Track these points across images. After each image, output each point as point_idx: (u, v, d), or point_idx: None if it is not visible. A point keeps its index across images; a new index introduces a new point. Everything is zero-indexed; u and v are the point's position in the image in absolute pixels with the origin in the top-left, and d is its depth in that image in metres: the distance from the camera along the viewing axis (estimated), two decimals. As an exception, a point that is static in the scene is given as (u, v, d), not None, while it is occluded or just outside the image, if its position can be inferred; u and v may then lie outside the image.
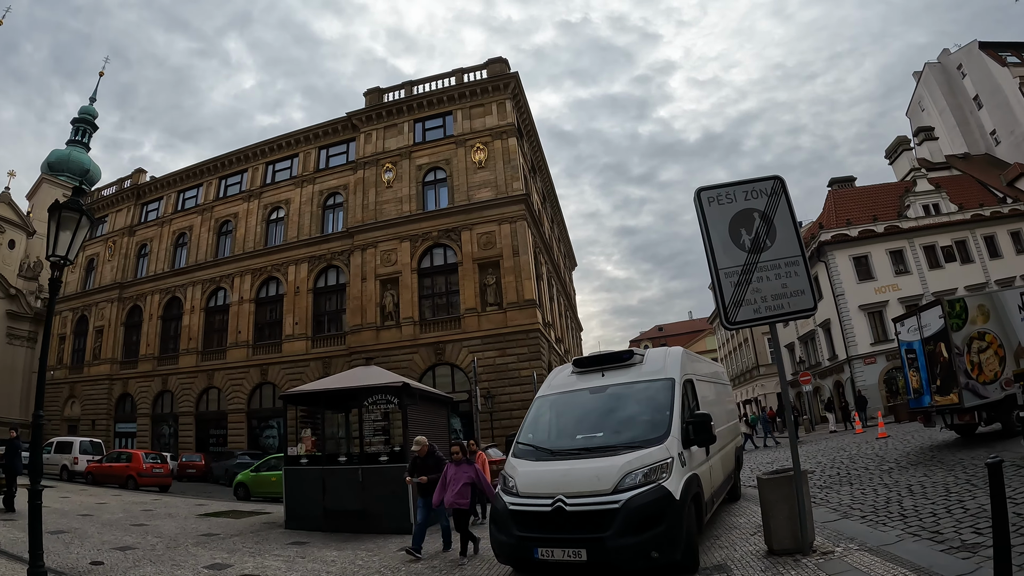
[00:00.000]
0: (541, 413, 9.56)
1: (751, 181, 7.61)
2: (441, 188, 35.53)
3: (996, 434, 16.46)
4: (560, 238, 55.81)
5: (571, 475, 7.72)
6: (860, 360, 42.12)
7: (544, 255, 39.99)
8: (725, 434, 11.86)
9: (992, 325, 16.13)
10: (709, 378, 12.07)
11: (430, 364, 32.35)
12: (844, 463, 17.47)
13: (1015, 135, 54.87)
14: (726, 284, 7.20)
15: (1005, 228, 46.06)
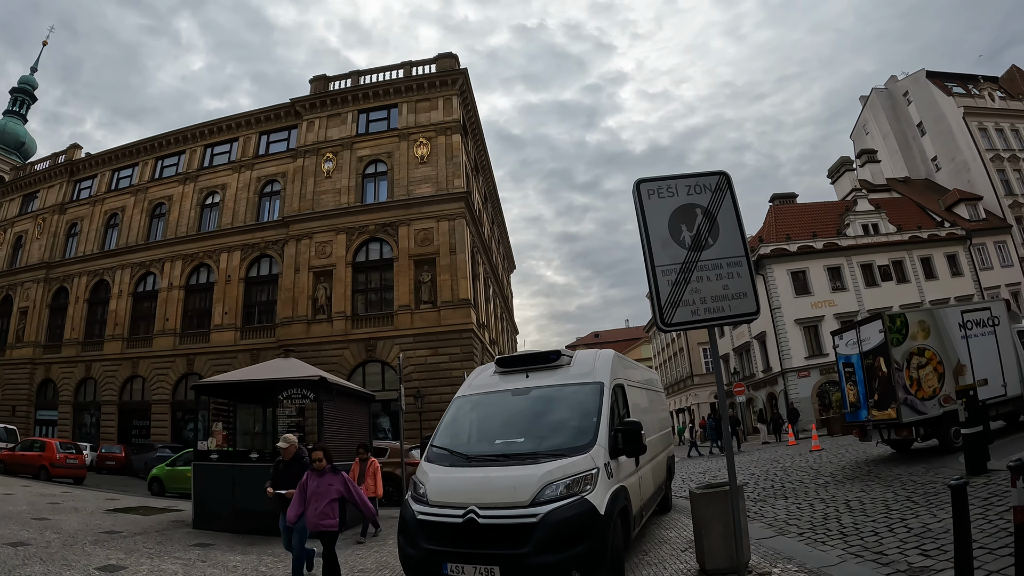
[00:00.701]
0: (459, 415, 8.90)
1: (695, 175, 7.01)
2: (381, 181, 34.88)
3: (932, 450, 16.60)
4: (500, 240, 55.50)
5: (486, 484, 7.11)
6: (794, 373, 42.63)
7: (482, 255, 39.58)
8: (657, 443, 11.49)
9: (932, 341, 16.22)
10: (642, 384, 11.65)
11: (361, 361, 31.67)
12: (778, 475, 17.36)
13: (955, 162, 55.92)
14: (663, 282, 6.50)
15: (942, 251, 47.53)
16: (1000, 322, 17.34)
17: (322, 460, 7.96)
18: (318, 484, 7.86)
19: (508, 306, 57.53)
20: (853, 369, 17.55)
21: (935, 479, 12.14)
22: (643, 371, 13.27)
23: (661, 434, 12.66)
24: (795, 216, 49.43)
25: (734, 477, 6.74)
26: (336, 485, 7.92)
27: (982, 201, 51.67)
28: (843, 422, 26.24)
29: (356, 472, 12.38)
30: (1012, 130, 55.23)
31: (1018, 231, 50.77)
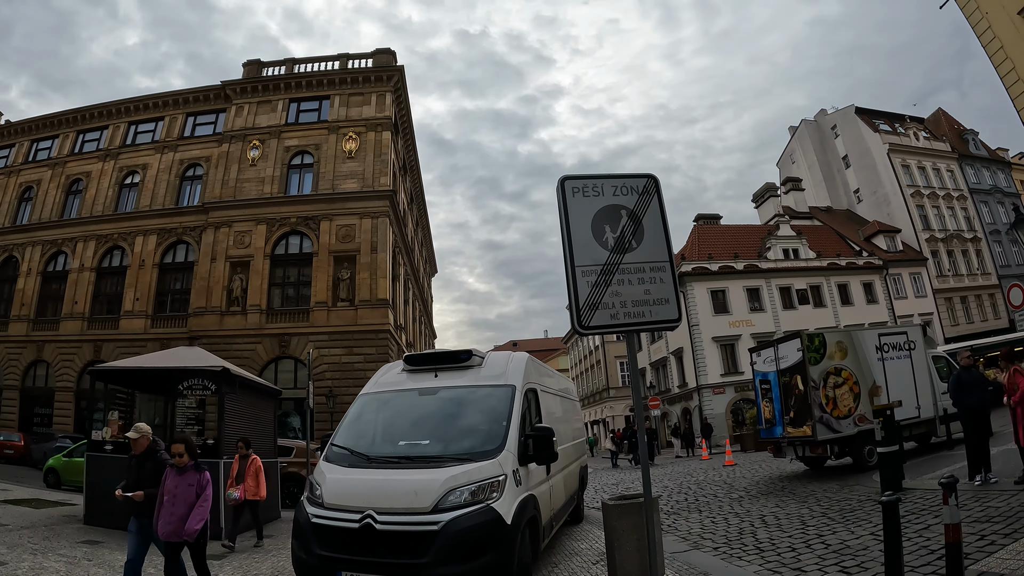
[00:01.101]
0: (363, 413, 8.46)
1: (623, 176, 6.66)
2: (307, 173, 34.18)
3: (846, 468, 16.78)
4: (423, 243, 55.14)
5: (385, 487, 6.73)
6: (709, 389, 43.43)
7: (404, 256, 39.15)
8: (570, 452, 11.30)
9: (849, 362, 16.41)
10: (557, 392, 11.44)
11: (274, 357, 30.94)
12: (692, 488, 17.46)
13: (877, 195, 58.07)
14: (582, 284, 6.05)
15: (858, 279, 49.39)
16: (916, 346, 17.66)
17: (183, 455, 6.82)
18: (177, 484, 6.79)
19: (428, 310, 57.17)
20: (770, 386, 17.72)
21: (850, 496, 12.28)
22: (559, 379, 13.05)
23: (575, 443, 12.42)
24: (718, 237, 50.39)
25: (649, 489, 6.36)
26: (196, 485, 6.85)
27: (900, 234, 53.83)
28: (757, 438, 26.61)
29: (235, 470, 11.59)
30: (933, 169, 57.81)
31: (933, 264, 53.08)
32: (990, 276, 56.17)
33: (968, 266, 55.77)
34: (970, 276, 55.39)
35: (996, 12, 19.22)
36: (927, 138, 60.22)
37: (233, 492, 11.22)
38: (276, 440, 16.63)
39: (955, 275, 54.55)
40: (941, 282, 53.26)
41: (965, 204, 58.27)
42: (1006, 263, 57.34)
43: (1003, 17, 18.93)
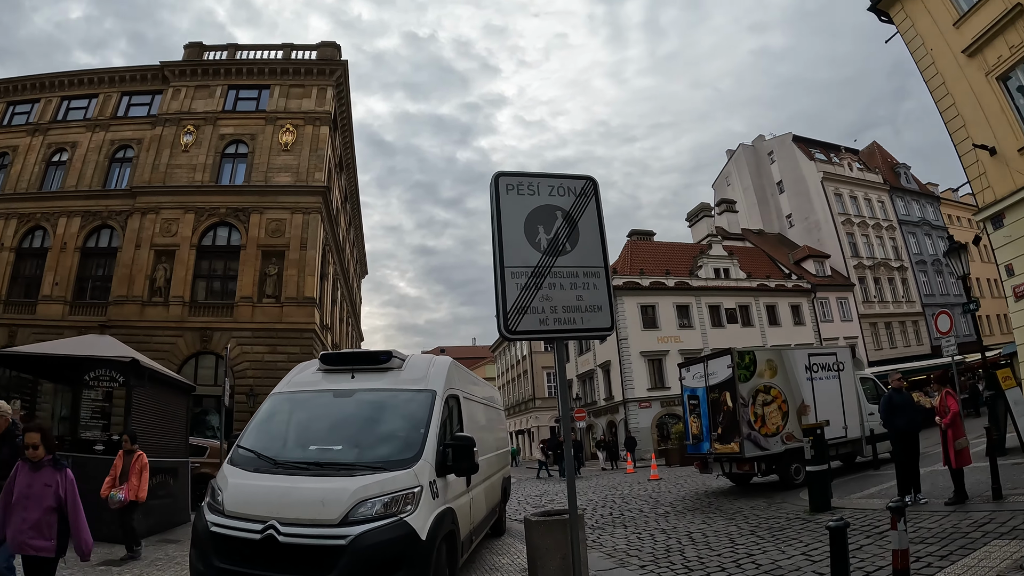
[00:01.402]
0: (273, 414, 7.89)
1: (561, 176, 6.29)
2: (240, 164, 33.16)
3: (772, 485, 16.80)
4: (355, 243, 54.44)
5: (291, 495, 6.20)
6: (636, 403, 43.65)
7: (334, 255, 38.55)
8: (493, 462, 11.03)
9: (778, 380, 16.59)
10: (481, 400, 11.11)
11: (194, 352, 29.79)
12: (617, 502, 17.36)
13: (808, 221, 59.69)
14: (511, 285, 5.63)
15: (787, 300, 50.55)
16: (844, 368, 18.07)
17: (38, 447, 5.42)
18: (30, 483, 5.37)
19: (356, 312, 56.51)
20: (698, 402, 17.74)
21: (778, 514, 12.22)
22: (484, 386, 12.71)
23: (498, 453, 12.12)
24: (650, 253, 50.95)
25: (575, 505, 5.94)
26: (54, 485, 5.42)
27: (829, 259, 55.40)
28: (683, 453, 27.01)
29: (118, 468, 10.30)
30: (865, 199, 59.59)
31: (860, 290, 54.72)
32: (914, 304, 58.25)
33: (893, 293, 57.67)
34: (895, 303, 57.33)
35: (940, 48, 19.79)
36: (860, 169, 62.00)
37: (118, 493, 10.08)
38: (188, 439, 15.87)
39: (880, 301, 56.36)
40: (867, 307, 54.96)
41: (894, 234, 60.22)
42: (930, 292, 59.72)
43: (947, 54, 19.53)
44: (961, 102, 19.35)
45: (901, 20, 21.11)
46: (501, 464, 12.51)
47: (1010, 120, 18.01)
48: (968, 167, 19.37)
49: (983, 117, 18.66)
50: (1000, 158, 18.22)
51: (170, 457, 13.93)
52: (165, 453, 13.54)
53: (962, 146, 19.41)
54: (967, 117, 19.21)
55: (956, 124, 19.58)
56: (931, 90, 20.36)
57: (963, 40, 19.02)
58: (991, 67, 18.40)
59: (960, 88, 19.32)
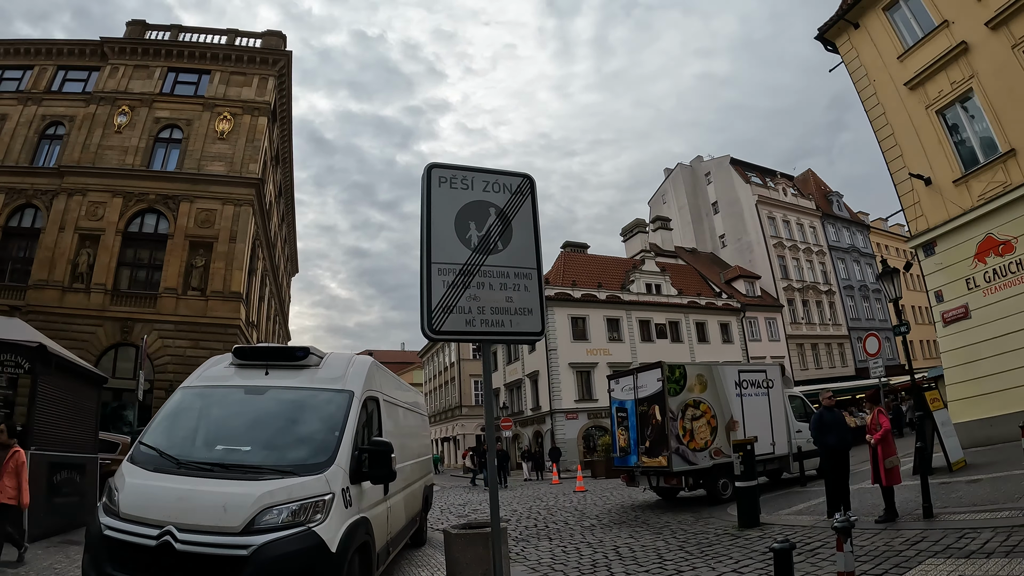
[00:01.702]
0: (180, 409, 7.31)
1: (496, 172, 5.94)
2: (173, 149, 32.09)
3: (699, 500, 16.83)
4: (287, 240, 53.54)
5: (191, 499, 5.70)
6: (563, 414, 43.51)
7: (264, 250, 37.65)
8: (415, 470, 10.77)
9: (708, 395, 16.62)
10: (404, 404, 10.69)
11: (115, 342, 28.49)
12: (542, 514, 17.14)
13: (741, 242, 60.77)
14: (437, 283, 5.27)
15: (716, 319, 51.29)
16: (774, 385, 18.18)
17: None
18: None
19: (284, 310, 55.43)
20: (626, 414, 17.63)
21: (706, 529, 12.07)
22: (408, 391, 12.25)
23: (420, 460, 11.79)
24: (584, 265, 51.04)
25: (497, 518, 5.57)
26: None
27: (760, 280, 56.34)
28: (609, 466, 26.61)
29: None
30: (797, 224, 60.98)
31: (788, 311, 55.90)
32: (841, 327, 59.94)
33: (821, 316, 59.12)
34: (822, 325, 58.77)
35: (883, 80, 20.41)
36: (795, 195, 63.42)
37: None
38: (97, 433, 15.12)
39: (808, 323, 57.70)
40: (794, 328, 56.19)
41: (823, 259, 61.82)
42: (856, 316, 61.72)
43: (889, 86, 20.17)
44: (900, 133, 20.01)
45: (847, 51, 21.76)
46: (423, 472, 12.21)
47: (947, 152, 18.75)
48: (903, 195, 20.04)
49: (920, 148, 19.36)
50: (935, 188, 18.96)
51: (77, 452, 13.31)
52: (72, 448, 13.00)
53: (898, 175, 20.11)
54: (905, 147, 19.90)
55: (894, 154, 20.23)
56: (871, 119, 21.00)
57: (906, 73, 19.67)
58: (932, 101, 19.09)
59: (900, 119, 19.96)
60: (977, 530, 8.12)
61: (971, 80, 18.11)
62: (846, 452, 11.11)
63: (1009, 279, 17.10)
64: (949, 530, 8.46)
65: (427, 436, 14.58)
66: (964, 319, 18.23)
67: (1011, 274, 17.07)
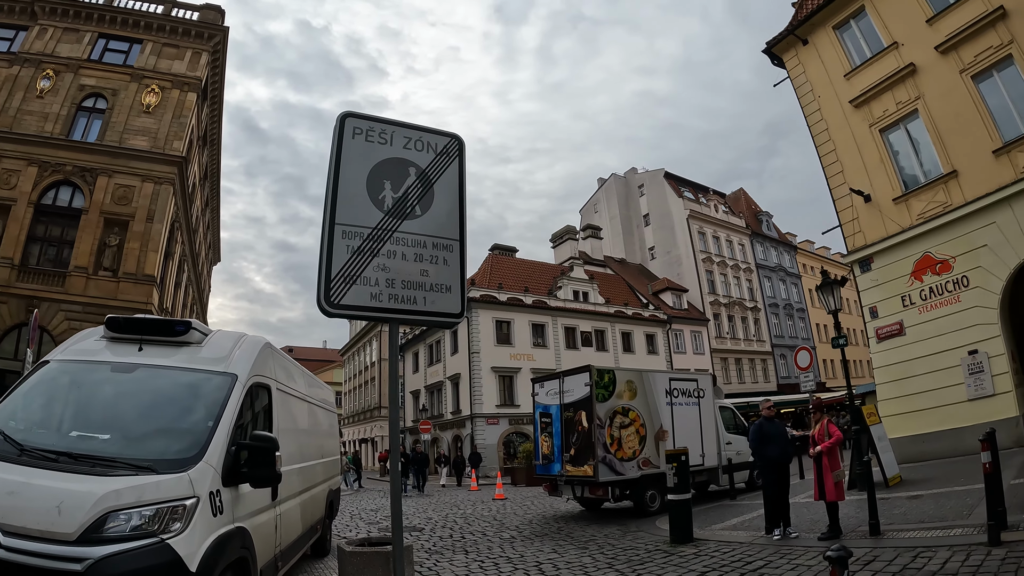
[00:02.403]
0: (38, 386, 6.14)
1: (421, 129, 5.13)
2: (96, 119, 30.20)
3: (625, 511, 16.20)
4: (210, 226, 51.44)
5: (23, 494, 4.60)
6: (483, 419, 42.80)
7: (184, 234, 35.93)
8: (317, 472, 9.80)
9: (638, 403, 16.10)
10: (307, 397, 9.71)
11: (19, 322, 26.25)
12: (459, 523, 16.17)
13: (670, 255, 61.37)
14: (340, 247, 4.42)
15: (642, 329, 51.49)
16: (705, 395, 17.92)
17: None
18: None
19: (203, 299, 53.02)
20: (551, 420, 16.93)
21: (636, 544, 11.38)
22: (314, 384, 11.20)
23: (324, 462, 10.74)
24: (511, 269, 50.56)
25: (400, 534, 4.39)
26: None
27: (687, 294, 56.99)
28: (531, 473, 25.89)
29: None
30: (727, 240, 62.07)
31: (714, 325, 56.67)
32: (764, 343, 61.11)
33: (745, 332, 60.13)
34: (746, 341, 59.78)
35: (828, 96, 20.62)
36: (726, 212, 64.42)
37: None
38: None
39: (732, 338, 58.59)
40: (719, 343, 56.98)
41: (751, 276, 62.93)
42: (780, 334, 63.08)
43: (834, 102, 20.41)
44: (842, 149, 20.24)
45: (793, 66, 21.91)
46: (327, 474, 11.11)
47: (888, 171, 18.99)
48: (842, 211, 20.20)
49: (862, 165, 19.59)
50: (874, 205, 19.15)
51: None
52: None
53: (838, 191, 20.29)
54: (846, 164, 20.11)
55: (834, 169, 20.43)
56: (814, 135, 21.15)
57: (852, 91, 19.91)
58: (876, 119, 19.34)
59: (843, 136, 20.18)
60: (932, 548, 7.79)
61: (917, 101, 18.42)
62: (787, 465, 10.71)
63: (946, 297, 17.42)
64: (901, 548, 8.10)
65: (335, 437, 13.46)
66: (899, 335, 18.51)
67: (948, 293, 17.38)
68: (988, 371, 16.35)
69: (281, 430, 7.21)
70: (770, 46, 22.60)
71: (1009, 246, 16.21)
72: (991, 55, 16.86)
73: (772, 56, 22.78)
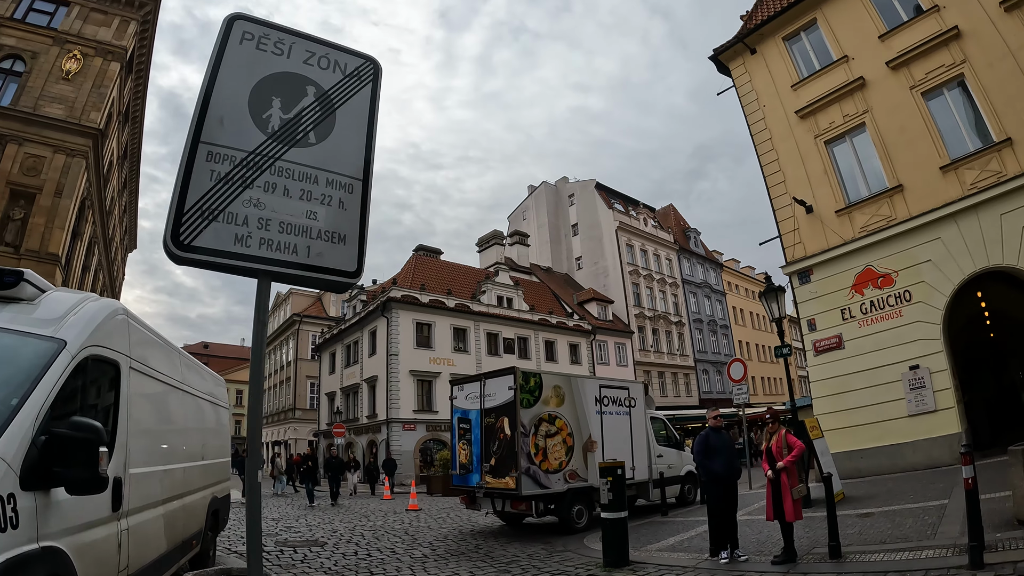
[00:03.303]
0: None
1: (330, 45, 4.06)
2: (12, 83, 27.70)
3: (549, 527, 15.08)
4: (127, 210, 48.45)
5: None
6: (400, 424, 40.90)
7: (96, 214, 33.41)
8: (191, 478, 7.93)
9: (565, 410, 14.86)
10: (185, 385, 8.04)
11: None
12: (366, 537, 14.35)
13: (597, 266, 61.00)
14: (201, 172, 3.35)
15: (566, 339, 50.68)
16: (636, 404, 16.84)
17: None
18: None
19: (114, 287, 48.56)
20: (469, 426, 15.51)
21: (565, 567, 10.09)
22: (196, 370, 9.21)
23: (206, 464, 8.92)
24: (435, 271, 49.27)
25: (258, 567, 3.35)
26: None
27: (613, 305, 56.64)
28: (447, 482, 24.45)
29: None
30: (654, 254, 62.19)
31: (638, 338, 56.40)
32: (688, 358, 61.17)
33: (669, 345, 60.02)
34: (670, 355, 59.67)
35: (773, 106, 20.44)
36: (655, 226, 64.45)
37: None
38: None
39: (656, 351, 58.39)
40: (643, 355, 56.69)
41: (676, 291, 63.10)
42: (703, 350, 63.41)
43: (779, 112, 20.24)
44: (785, 160, 19.97)
45: (740, 74, 21.67)
46: (211, 479, 9.26)
47: (832, 183, 18.77)
48: (782, 221, 19.89)
49: (805, 176, 19.35)
50: (816, 217, 18.89)
51: None
52: None
53: (779, 200, 20.02)
54: (788, 174, 19.84)
55: (776, 179, 20.14)
56: (756, 143, 20.89)
57: (798, 102, 19.70)
58: (822, 131, 19.13)
59: (786, 146, 19.93)
60: (905, 573, 7.11)
61: (864, 115, 18.25)
62: (735, 480, 9.72)
63: (887, 311, 17.20)
64: (870, 574, 7.43)
65: (223, 435, 10.91)
66: (837, 349, 18.18)
67: (889, 307, 17.17)
68: (930, 387, 16.14)
69: (134, 420, 5.77)
70: (717, 53, 22.29)
71: (954, 262, 16.12)
72: (943, 73, 16.80)
73: (718, 64, 22.49)
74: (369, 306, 45.63)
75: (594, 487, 14.17)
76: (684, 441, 20.07)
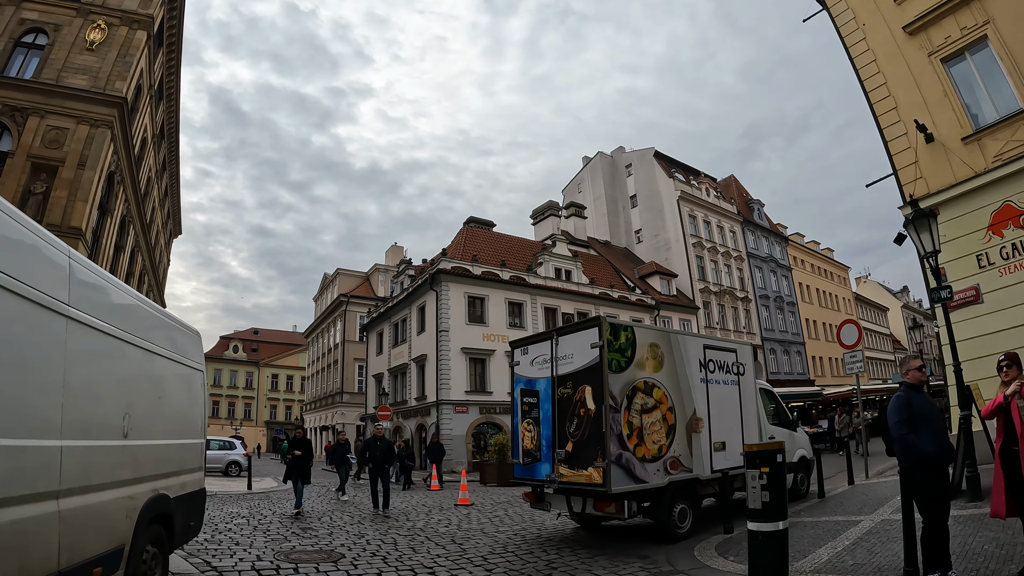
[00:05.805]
0: None
1: None
2: (34, 57, 26.63)
3: (639, 531, 11.67)
4: (168, 193, 47.10)
5: None
6: (451, 406, 37.49)
7: (129, 191, 31.67)
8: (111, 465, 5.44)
9: (665, 377, 11.16)
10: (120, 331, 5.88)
11: None
12: (400, 545, 10.90)
13: (658, 239, 58.34)
14: None
15: (629, 313, 46.98)
16: (745, 371, 13.28)
17: None
18: None
19: (156, 271, 46.47)
20: (537, 400, 11.70)
21: None
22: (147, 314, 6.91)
23: (149, 445, 6.39)
24: (488, 242, 46.41)
25: None
26: None
27: (676, 279, 53.95)
28: (504, 471, 20.95)
29: None
30: (718, 226, 59.40)
31: (703, 314, 53.50)
32: (755, 336, 57.80)
33: (736, 323, 57.01)
34: (736, 332, 56.20)
35: (875, 24, 17.80)
36: (717, 197, 61.59)
37: None
38: None
39: (722, 328, 55.22)
40: (709, 332, 52.98)
41: (742, 265, 60.21)
42: (770, 327, 60.31)
43: (883, 31, 17.55)
44: (894, 83, 17.24)
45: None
46: (143, 470, 6.23)
47: (954, 106, 15.92)
48: (896, 154, 17.10)
49: (921, 101, 16.54)
50: (938, 146, 16.06)
51: None
52: None
53: (890, 130, 17.26)
54: (900, 99, 17.09)
55: (885, 106, 17.45)
56: (857, 68, 18.27)
57: (904, 17, 16.93)
58: (936, 48, 16.32)
59: (895, 68, 17.23)
60: None
61: (986, 27, 15.29)
62: (947, 467, 6.54)
63: None
64: None
65: (194, 405, 8.33)
66: (974, 303, 14.92)
67: None
68: (1095, 345, 13.14)
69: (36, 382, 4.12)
70: (805, -29, 19.73)
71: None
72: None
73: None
74: (417, 281, 43.33)
75: (700, 479, 11.42)
76: (797, 420, 16.79)
